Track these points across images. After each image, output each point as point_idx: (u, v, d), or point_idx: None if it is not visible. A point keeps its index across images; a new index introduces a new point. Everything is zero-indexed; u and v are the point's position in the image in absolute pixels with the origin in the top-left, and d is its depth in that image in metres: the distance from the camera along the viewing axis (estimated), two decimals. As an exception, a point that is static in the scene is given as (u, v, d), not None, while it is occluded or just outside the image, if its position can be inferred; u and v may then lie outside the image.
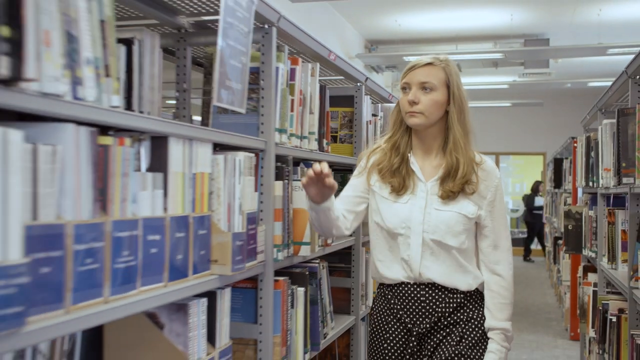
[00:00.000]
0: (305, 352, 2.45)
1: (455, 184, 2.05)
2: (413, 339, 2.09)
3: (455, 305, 2.09)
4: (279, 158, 2.23)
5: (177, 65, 2.22)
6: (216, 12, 2.14)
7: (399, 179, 2.10)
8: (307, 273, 2.47)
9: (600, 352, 3.84)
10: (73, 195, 1.27)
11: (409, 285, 2.09)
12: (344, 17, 8.57)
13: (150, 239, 1.51)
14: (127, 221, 1.42)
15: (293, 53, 2.60)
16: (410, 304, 2.10)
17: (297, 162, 2.46)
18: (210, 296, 1.86)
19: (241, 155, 1.94)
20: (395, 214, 2.09)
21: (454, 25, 8.75)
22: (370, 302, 3.49)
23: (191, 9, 2.12)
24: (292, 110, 2.35)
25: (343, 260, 3.32)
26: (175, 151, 1.64)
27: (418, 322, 2.09)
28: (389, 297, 2.14)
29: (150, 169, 1.59)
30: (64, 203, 1.25)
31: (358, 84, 3.29)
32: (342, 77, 3.29)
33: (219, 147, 1.90)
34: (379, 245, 2.15)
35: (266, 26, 2.13)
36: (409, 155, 2.13)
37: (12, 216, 1.08)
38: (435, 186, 2.09)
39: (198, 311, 1.78)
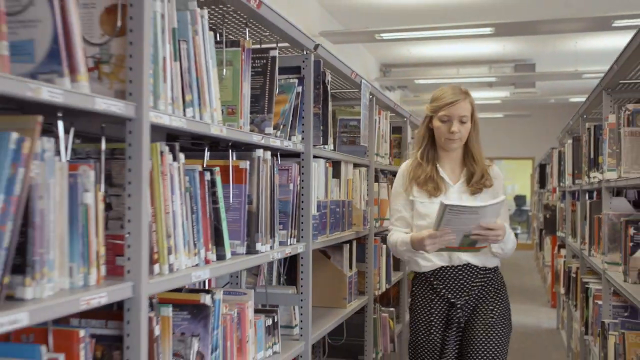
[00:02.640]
0: (386, 284, 4.15)
1: (478, 183, 2.69)
2: (458, 311, 2.66)
3: (485, 280, 2.68)
4: (376, 170, 3.92)
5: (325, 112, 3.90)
6: (341, 88, 3.82)
7: (432, 184, 2.67)
8: (386, 236, 4.17)
9: (567, 300, 5.57)
10: (322, 188, 2.96)
11: (448, 268, 2.67)
12: (365, 47, 10.26)
13: (337, 210, 3.20)
14: (332, 201, 3.11)
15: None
16: (450, 282, 2.66)
17: (382, 170, 4.16)
18: (350, 243, 3.54)
19: (363, 170, 3.64)
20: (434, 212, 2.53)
21: (456, 53, 10.44)
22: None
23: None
24: (379, 140, 4.04)
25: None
26: (343, 167, 3.33)
27: (457, 296, 2.65)
28: (431, 279, 2.70)
29: (333, 176, 3.28)
30: (318, 192, 2.94)
31: (404, 119, 4.98)
32: (394, 114, 4.96)
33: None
34: None
35: (371, 96, 3.81)
36: (437, 165, 2.72)
37: (314, 197, 2.77)
38: (462, 186, 2.71)
39: (346, 250, 3.47)
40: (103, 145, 1.51)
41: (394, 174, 4.58)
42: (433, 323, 2.66)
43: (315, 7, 7.57)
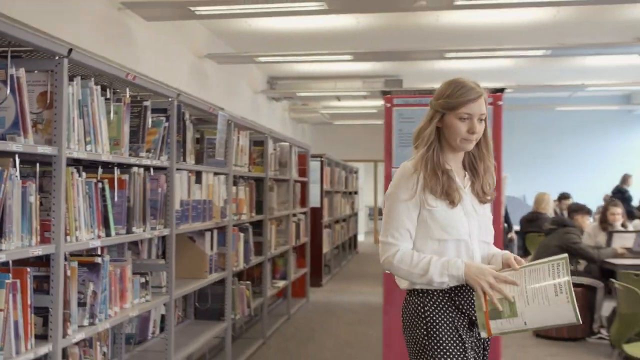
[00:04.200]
0: (244, 263, 5.44)
1: (486, 192, 2.40)
2: (476, 330, 2.31)
3: None
4: (235, 177, 5.20)
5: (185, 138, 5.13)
6: (203, 113, 5.06)
7: (453, 194, 2.31)
8: (245, 227, 5.46)
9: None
10: (185, 190, 4.20)
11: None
12: (252, 63, 11.51)
13: (198, 206, 4.45)
14: (194, 200, 4.36)
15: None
16: (472, 298, 2.30)
17: (240, 176, 5.44)
18: (211, 231, 4.80)
19: (222, 177, 4.91)
20: (460, 223, 2.32)
21: (334, 69, 11.85)
22: (272, 250, 6.48)
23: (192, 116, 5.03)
24: (238, 153, 5.32)
25: (259, 227, 6.29)
26: (204, 176, 4.58)
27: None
28: (452, 295, 2.31)
29: (197, 182, 4.52)
30: (182, 194, 4.18)
31: (265, 134, 6.28)
32: (253, 130, 6.23)
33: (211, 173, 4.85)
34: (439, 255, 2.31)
35: (229, 122, 5.07)
36: (449, 170, 2.35)
37: (177, 197, 4.00)
38: (470, 192, 2.39)
39: (208, 236, 4.72)
40: (38, 168, 2.71)
41: (254, 178, 5.89)
42: (465, 340, 2.30)
43: (203, 31, 8.75)
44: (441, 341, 2.27)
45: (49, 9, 5.53)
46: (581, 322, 2.12)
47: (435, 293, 2.32)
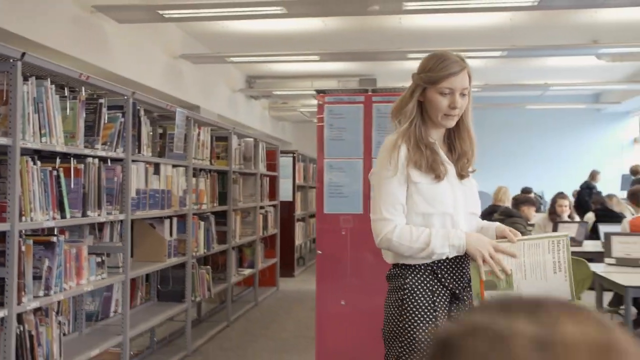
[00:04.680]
0: (204, 249, 5.85)
1: (466, 166, 2.36)
2: (461, 306, 2.30)
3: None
4: (196, 169, 5.61)
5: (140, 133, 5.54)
6: (164, 110, 5.47)
7: (438, 169, 2.27)
8: (205, 216, 5.87)
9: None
10: (142, 180, 4.61)
11: (454, 257, 2.27)
12: (225, 63, 11.92)
13: (156, 195, 4.86)
14: (151, 189, 4.77)
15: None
16: (457, 272, 2.29)
17: (201, 169, 5.86)
18: (170, 218, 5.21)
19: (182, 169, 5.33)
20: (445, 196, 2.28)
21: (310, 68, 12.28)
22: (237, 239, 6.89)
23: (153, 113, 5.43)
24: (199, 148, 5.73)
25: (224, 217, 6.69)
26: (162, 167, 4.99)
27: (462, 288, 2.30)
28: (435, 269, 2.27)
29: (155, 173, 4.93)
30: (139, 183, 4.59)
31: (229, 130, 6.69)
32: (215, 127, 6.64)
33: (173, 165, 5.26)
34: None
35: (189, 118, 5.48)
36: (433, 143, 2.31)
37: (133, 186, 4.42)
38: (452, 167, 2.34)
39: (167, 223, 5.13)
40: (-4, 158, 3.11)
41: (217, 172, 6.30)
42: (439, 318, 2.26)
43: (177, 32, 9.16)
44: (413, 312, 2.24)
45: (23, 14, 5.93)
46: (575, 299, 2.18)
47: (417, 267, 2.28)
